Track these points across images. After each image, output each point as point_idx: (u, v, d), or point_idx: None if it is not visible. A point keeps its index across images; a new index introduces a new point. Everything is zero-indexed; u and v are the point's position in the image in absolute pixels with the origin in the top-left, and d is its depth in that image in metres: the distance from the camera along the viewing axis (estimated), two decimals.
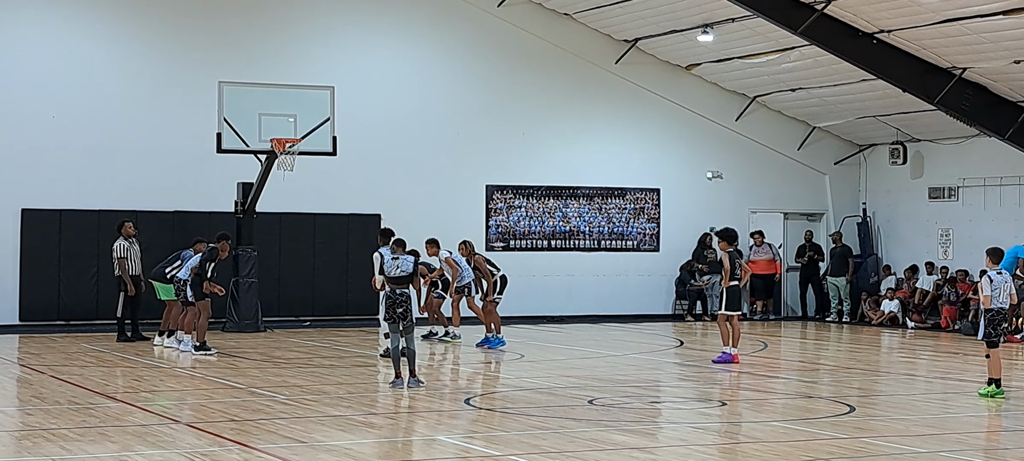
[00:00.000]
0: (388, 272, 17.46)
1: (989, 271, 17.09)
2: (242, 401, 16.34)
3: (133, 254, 24.46)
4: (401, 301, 17.36)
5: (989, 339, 17.03)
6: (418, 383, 17.35)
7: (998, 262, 17.23)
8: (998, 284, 17.00)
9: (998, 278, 17.03)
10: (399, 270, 17.39)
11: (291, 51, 28.64)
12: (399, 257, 17.54)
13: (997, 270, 17.08)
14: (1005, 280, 17.16)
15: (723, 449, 13.38)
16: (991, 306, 16.97)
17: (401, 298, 17.36)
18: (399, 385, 17.32)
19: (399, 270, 17.39)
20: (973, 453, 13.06)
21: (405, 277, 17.40)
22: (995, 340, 17.02)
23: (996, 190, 30.00)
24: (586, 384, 18.53)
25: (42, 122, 27.02)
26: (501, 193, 30.47)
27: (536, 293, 30.22)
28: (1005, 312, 17.29)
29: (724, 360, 21.01)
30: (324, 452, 12.77)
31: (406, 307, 17.36)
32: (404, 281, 17.41)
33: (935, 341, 26.56)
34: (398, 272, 17.38)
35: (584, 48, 30.97)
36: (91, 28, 27.66)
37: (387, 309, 17.50)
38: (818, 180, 33.24)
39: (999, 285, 17.00)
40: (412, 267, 17.53)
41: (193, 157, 27.29)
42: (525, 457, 12.49)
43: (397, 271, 17.39)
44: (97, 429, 14.03)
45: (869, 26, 26.18)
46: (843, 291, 31.75)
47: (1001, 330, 17.15)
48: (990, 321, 17.05)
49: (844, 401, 16.71)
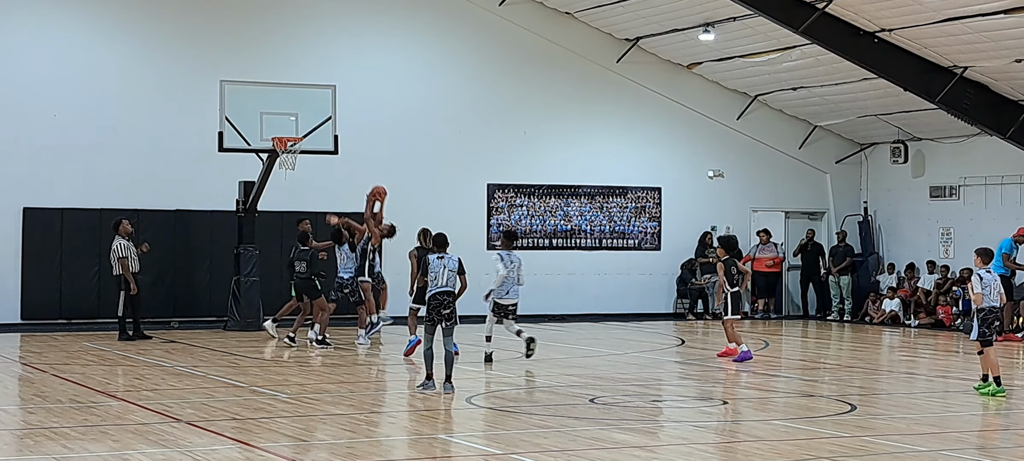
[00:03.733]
0: (435, 273, 16.83)
1: (978, 270, 17.33)
2: (243, 400, 16.35)
3: (132, 253, 24.49)
4: (448, 302, 16.82)
5: (983, 338, 17.16)
6: (451, 389, 16.76)
7: (988, 262, 17.47)
8: (987, 283, 17.20)
9: (987, 277, 17.25)
10: (446, 270, 16.84)
11: (292, 50, 28.65)
12: (445, 256, 17.05)
13: (987, 269, 17.31)
14: (994, 279, 17.38)
15: (724, 448, 13.39)
16: (983, 305, 17.15)
17: (448, 299, 16.82)
18: (430, 387, 16.72)
19: (446, 270, 16.84)
20: (974, 452, 13.07)
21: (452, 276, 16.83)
22: (990, 338, 17.15)
23: (997, 189, 30.01)
24: (587, 383, 18.53)
25: (44, 121, 27.04)
26: (502, 192, 30.48)
27: (537, 292, 30.18)
28: (997, 310, 17.41)
29: (745, 358, 21.12)
30: (325, 451, 12.78)
31: (453, 308, 16.88)
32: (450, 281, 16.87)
33: (936, 340, 26.56)
34: (446, 273, 16.83)
35: (585, 47, 30.97)
36: (92, 27, 27.68)
37: (430, 310, 16.78)
38: (819, 179, 33.24)
39: (989, 283, 17.20)
40: (458, 266, 17.06)
41: (195, 156, 27.31)
42: (526, 456, 12.49)
43: (445, 272, 16.83)
44: (98, 428, 14.04)
45: (870, 25, 26.19)
46: (845, 289, 31.75)
47: (994, 328, 17.28)
48: (983, 320, 17.19)
49: (845, 400, 16.71)
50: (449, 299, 16.80)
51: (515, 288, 19.95)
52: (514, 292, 19.98)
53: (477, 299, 20.81)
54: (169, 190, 27.58)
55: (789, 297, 33.09)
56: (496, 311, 20.15)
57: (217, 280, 27.53)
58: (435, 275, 16.84)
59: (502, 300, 19.97)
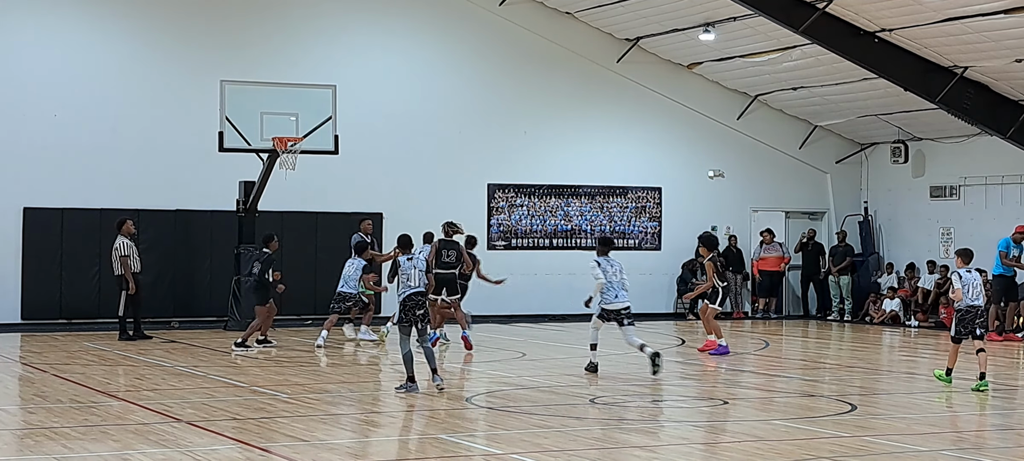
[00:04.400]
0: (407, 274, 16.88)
1: (959, 270, 17.77)
2: (244, 399, 16.35)
3: (135, 252, 24.50)
4: (421, 302, 16.91)
5: (958, 335, 17.75)
6: (440, 379, 16.94)
7: (968, 262, 17.91)
8: (968, 282, 17.59)
9: (968, 276, 17.66)
10: (417, 271, 16.92)
11: (293, 50, 28.65)
12: (413, 257, 17.13)
13: (967, 269, 17.75)
14: (975, 278, 17.75)
15: (725, 448, 13.38)
16: (961, 305, 17.60)
17: (421, 299, 16.91)
18: (413, 389, 16.68)
19: (417, 271, 16.92)
20: (974, 452, 13.06)
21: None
22: (963, 336, 17.71)
23: (998, 189, 30.01)
24: (588, 383, 18.51)
25: (44, 121, 27.05)
26: (503, 192, 30.48)
27: (538, 292, 30.25)
28: (978, 309, 17.78)
29: (722, 352, 21.93)
30: (326, 451, 12.78)
31: (426, 308, 17.00)
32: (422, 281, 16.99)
33: (936, 340, 26.55)
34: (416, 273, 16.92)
35: (586, 47, 30.98)
36: (93, 27, 27.69)
37: (405, 311, 16.86)
38: (820, 179, 33.25)
39: (969, 283, 17.59)
40: (425, 265, 17.17)
41: (195, 156, 27.31)
42: (527, 456, 12.49)
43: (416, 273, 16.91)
44: (99, 428, 14.04)
45: (870, 25, 26.19)
46: (845, 289, 31.76)
47: (977, 324, 17.74)
48: (961, 319, 17.70)
49: (846, 400, 16.71)
50: (422, 299, 16.92)
51: (623, 292, 19.67)
52: (623, 296, 19.70)
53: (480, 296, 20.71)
54: (169, 190, 27.58)
55: (791, 297, 33.07)
56: (604, 316, 19.86)
57: (217, 280, 27.53)
58: (408, 276, 16.91)
59: (609, 305, 19.71)
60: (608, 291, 19.54)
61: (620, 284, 19.59)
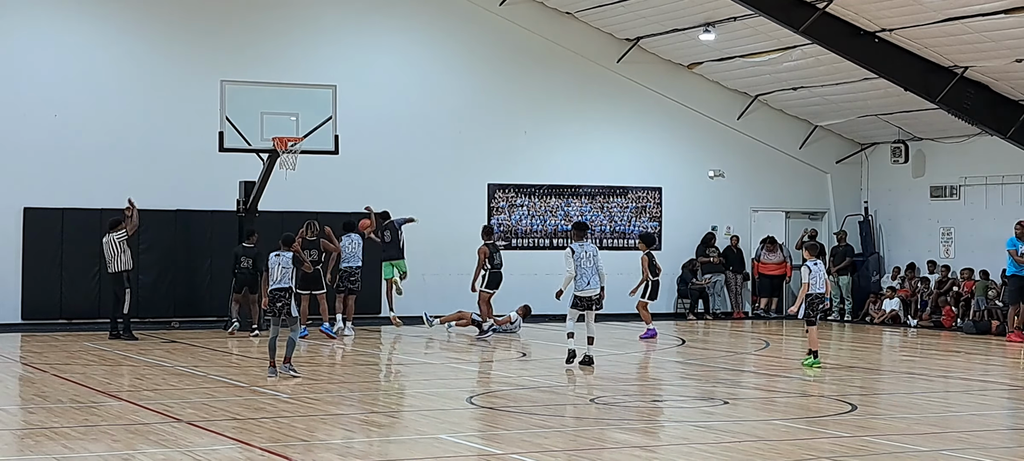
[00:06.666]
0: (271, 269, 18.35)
1: (808, 262, 20.26)
2: (244, 399, 16.35)
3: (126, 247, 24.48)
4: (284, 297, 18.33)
5: (808, 318, 20.23)
6: (288, 369, 18.30)
7: (816, 255, 20.57)
8: (816, 274, 20.11)
9: (816, 268, 20.19)
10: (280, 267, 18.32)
11: (293, 50, 28.65)
12: (280, 254, 18.40)
13: (814, 261, 20.28)
14: (821, 270, 20.30)
15: (725, 448, 13.38)
16: (811, 292, 20.06)
17: (284, 294, 18.30)
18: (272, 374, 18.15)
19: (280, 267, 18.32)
20: (975, 452, 13.06)
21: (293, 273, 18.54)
22: (814, 319, 20.27)
23: (998, 189, 30.01)
24: (587, 383, 18.53)
25: (44, 121, 27.04)
26: (503, 192, 30.48)
27: (538, 292, 30.14)
28: (822, 296, 20.37)
29: (650, 335, 25.22)
30: (326, 451, 12.78)
31: (285, 301, 18.39)
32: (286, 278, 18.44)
33: (936, 340, 26.56)
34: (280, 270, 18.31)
35: (586, 47, 30.98)
36: (93, 27, 27.68)
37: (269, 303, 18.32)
38: (820, 179, 33.25)
39: (817, 274, 20.11)
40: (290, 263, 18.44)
41: (195, 156, 27.30)
42: (527, 456, 12.49)
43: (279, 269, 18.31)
44: (99, 428, 14.04)
45: (871, 25, 26.19)
46: (845, 289, 31.75)
47: (819, 310, 20.46)
48: (810, 304, 20.15)
49: (846, 400, 16.71)
50: (285, 294, 18.31)
51: (594, 279, 19.69)
52: (594, 283, 19.72)
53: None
54: (169, 190, 27.58)
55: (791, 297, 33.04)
56: (578, 304, 19.93)
57: (217, 280, 27.53)
58: (272, 271, 18.39)
59: (581, 292, 19.74)
60: (580, 278, 19.69)
61: (593, 270, 19.70)
